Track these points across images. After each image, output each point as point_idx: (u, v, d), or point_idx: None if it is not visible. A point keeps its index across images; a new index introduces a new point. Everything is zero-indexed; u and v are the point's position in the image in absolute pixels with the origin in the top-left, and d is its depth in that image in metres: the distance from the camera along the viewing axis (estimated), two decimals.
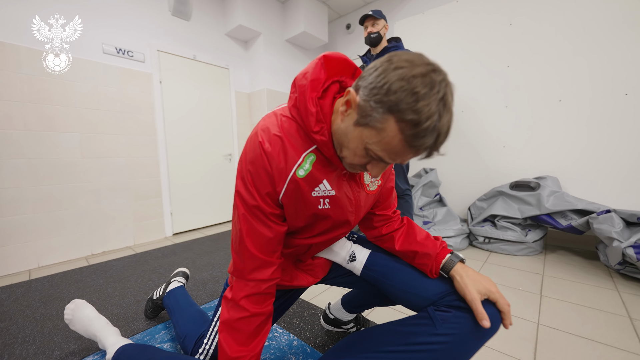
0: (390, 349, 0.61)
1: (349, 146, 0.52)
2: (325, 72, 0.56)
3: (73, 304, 0.99)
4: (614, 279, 1.52)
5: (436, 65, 0.46)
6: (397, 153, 0.48)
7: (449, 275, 0.65)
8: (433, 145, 0.46)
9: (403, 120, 0.44)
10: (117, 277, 1.67)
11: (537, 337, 1.06)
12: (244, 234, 0.60)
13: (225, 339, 0.60)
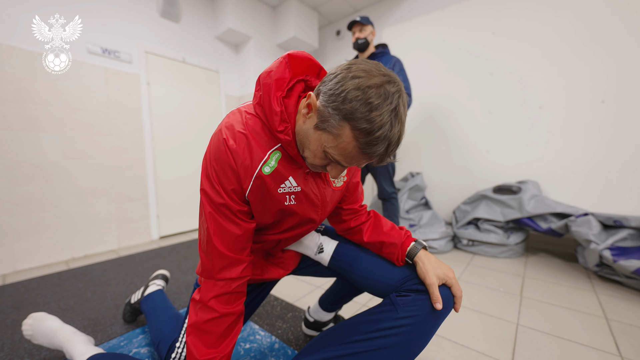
0: (357, 339, 0.62)
1: (310, 148, 0.54)
2: (290, 71, 0.56)
3: (31, 319, 0.93)
4: (592, 280, 1.56)
5: (392, 77, 0.48)
6: (352, 158, 0.50)
7: (413, 262, 0.67)
8: (384, 152, 0.48)
9: (357, 129, 0.46)
10: (98, 280, 1.62)
11: (515, 337, 1.07)
12: (211, 233, 0.59)
13: (193, 342, 0.59)
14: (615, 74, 1.76)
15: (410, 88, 1.88)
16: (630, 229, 1.48)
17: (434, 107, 2.53)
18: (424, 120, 2.59)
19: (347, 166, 0.53)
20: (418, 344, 0.62)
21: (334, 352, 0.64)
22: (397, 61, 1.88)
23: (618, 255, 1.41)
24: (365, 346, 0.62)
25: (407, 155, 2.71)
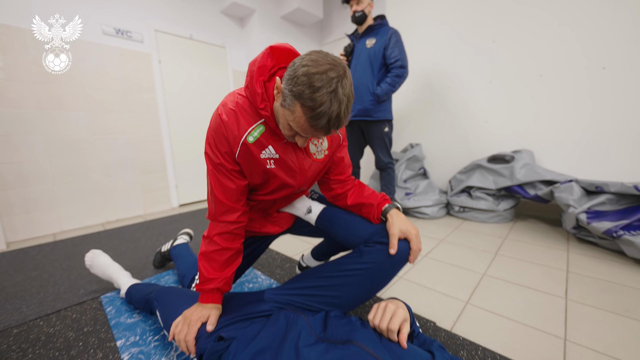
0: (328, 275, 0.80)
1: (280, 121, 0.68)
2: (272, 60, 0.70)
3: (92, 253, 1.22)
4: (569, 242, 1.68)
5: (336, 65, 0.60)
6: (306, 130, 0.63)
7: (385, 218, 0.83)
8: (327, 125, 0.61)
9: (304, 106, 0.59)
10: (130, 238, 1.91)
11: (478, 284, 1.25)
12: (213, 186, 0.77)
13: (203, 266, 0.79)
14: (617, 39, 1.72)
15: (406, 60, 1.92)
16: (609, 194, 1.56)
17: (435, 78, 2.54)
18: (424, 91, 2.62)
19: (306, 136, 0.67)
20: (376, 284, 0.80)
21: (309, 283, 0.83)
22: (394, 33, 1.91)
23: (592, 218, 1.51)
24: (333, 281, 0.80)
25: (408, 127, 2.77)
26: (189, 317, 0.74)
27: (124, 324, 1.01)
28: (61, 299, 1.20)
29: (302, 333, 0.61)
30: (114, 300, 1.16)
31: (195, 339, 0.71)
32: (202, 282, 0.78)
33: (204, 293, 0.78)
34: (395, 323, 0.61)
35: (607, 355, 0.84)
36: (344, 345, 0.57)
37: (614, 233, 1.40)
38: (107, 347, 0.91)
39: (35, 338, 0.96)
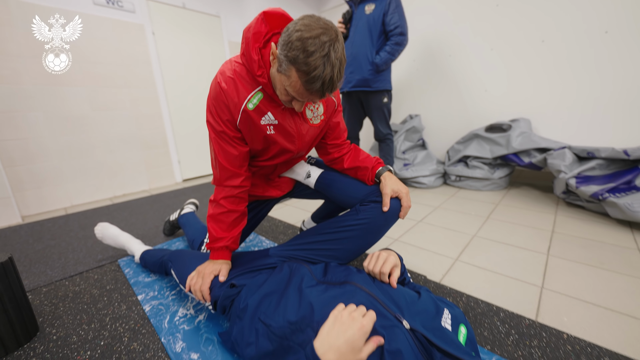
0: (327, 231, 0.88)
1: (277, 87, 0.71)
2: (266, 25, 0.71)
3: (100, 226, 1.28)
4: (558, 206, 1.76)
5: (328, 28, 0.62)
6: (302, 94, 0.66)
7: (379, 180, 0.89)
8: (321, 89, 0.64)
9: (299, 70, 0.62)
10: (138, 211, 2.00)
11: (468, 243, 1.34)
12: (217, 152, 0.82)
13: (212, 227, 0.87)
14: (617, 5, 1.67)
15: (406, 27, 1.88)
16: (599, 159, 1.60)
17: (435, 45, 2.49)
18: (425, 60, 2.57)
19: (302, 100, 0.70)
20: (371, 238, 0.88)
21: (310, 239, 0.91)
22: None
23: (581, 183, 1.57)
24: (333, 236, 0.88)
25: (407, 97, 2.76)
26: (203, 271, 0.82)
27: (143, 282, 1.11)
28: (81, 263, 1.30)
29: (304, 278, 0.70)
30: (130, 263, 1.26)
31: (209, 288, 0.80)
32: (212, 241, 0.86)
33: (214, 251, 0.86)
34: (387, 267, 0.69)
35: (577, 299, 0.94)
36: (341, 285, 0.65)
37: (600, 196, 1.47)
38: (130, 301, 1.01)
39: (64, 295, 1.07)
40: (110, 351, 0.80)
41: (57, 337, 0.86)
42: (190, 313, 0.93)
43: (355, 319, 0.50)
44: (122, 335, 0.85)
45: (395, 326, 0.54)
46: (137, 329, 0.88)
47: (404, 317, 0.57)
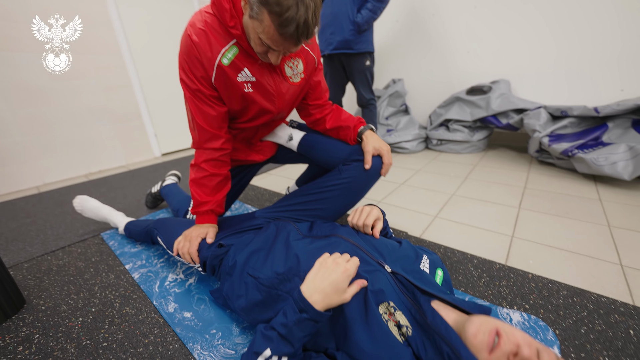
0: (311, 192, 0.89)
1: (251, 37, 0.67)
2: None
3: (79, 199, 1.24)
4: (531, 164, 1.85)
5: None
6: (276, 41, 0.62)
7: (361, 139, 0.89)
8: (295, 33, 0.60)
9: (272, 12, 0.58)
10: (117, 185, 1.93)
11: (447, 202, 1.40)
12: (194, 113, 0.79)
13: (195, 191, 0.85)
14: None
15: None
16: (572, 117, 1.67)
17: (418, 4, 2.39)
18: (409, 20, 2.48)
19: (277, 50, 0.65)
20: (355, 196, 0.91)
21: (295, 200, 0.92)
22: None
23: (553, 141, 1.64)
24: (317, 196, 0.90)
25: (390, 61, 2.69)
26: (189, 235, 0.83)
27: (129, 253, 1.11)
28: (62, 238, 1.27)
29: (290, 233, 0.72)
30: (114, 236, 1.24)
31: (197, 251, 0.81)
32: (197, 206, 0.86)
33: (200, 215, 0.86)
34: (370, 219, 0.72)
35: (542, 244, 1.03)
36: (327, 238, 0.68)
37: (570, 152, 1.55)
38: (117, 270, 1.01)
39: (47, 269, 1.05)
40: (102, 316, 0.81)
41: (45, 307, 0.86)
42: (180, 277, 0.95)
43: (339, 264, 0.52)
44: (113, 302, 0.86)
45: (377, 270, 0.57)
46: (127, 295, 0.89)
47: (385, 263, 0.61)
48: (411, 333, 0.48)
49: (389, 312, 0.51)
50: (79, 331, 0.76)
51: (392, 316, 0.51)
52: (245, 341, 0.70)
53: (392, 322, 0.50)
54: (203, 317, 0.78)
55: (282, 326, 0.48)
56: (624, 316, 0.71)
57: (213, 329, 0.74)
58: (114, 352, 0.70)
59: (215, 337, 0.71)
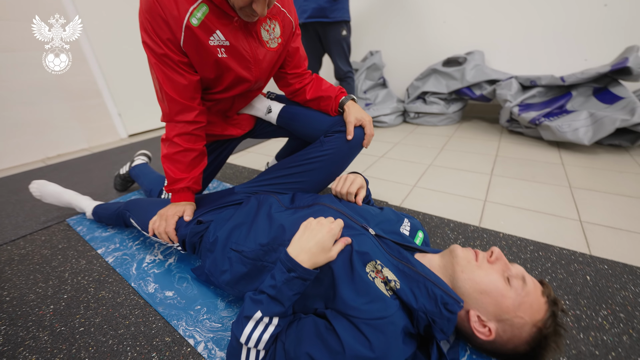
0: (291, 165, 0.87)
1: None
2: None
3: (35, 184, 1.12)
4: (502, 134, 1.93)
5: None
6: None
7: (343, 110, 0.87)
8: None
9: None
10: (80, 169, 1.79)
11: (424, 172, 1.44)
12: (161, 82, 0.71)
13: (169, 168, 0.80)
14: None
15: None
16: (540, 87, 1.74)
17: None
18: None
19: None
20: (337, 167, 0.90)
21: (276, 174, 0.90)
22: None
23: (522, 110, 1.71)
24: (299, 169, 0.88)
25: (367, 32, 2.62)
26: (165, 214, 0.78)
27: (100, 237, 1.05)
28: (22, 227, 1.17)
29: (272, 205, 0.70)
30: (82, 221, 1.16)
31: (174, 229, 0.77)
32: (171, 183, 0.80)
33: (175, 193, 0.82)
34: (354, 187, 0.72)
35: (512, 206, 1.09)
36: (310, 207, 0.67)
37: (537, 121, 1.63)
38: (89, 256, 0.96)
39: (8, 259, 0.97)
40: (76, 302, 0.77)
41: (10, 298, 0.80)
42: (159, 258, 0.92)
43: (324, 224, 0.52)
44: (87, 287, 0.82)
45: (362, 234, 0.58)
46: (102, 279, 0.85)
47: (369, 226, 0.61)
48: (399, 286, 0.50)
49: (376, 270, 0.52)
50: (51, 319, 0.72)
51: (379, 273, 0.52)
52: (231, 314, 0.70)
53: (379, 279, 0.52)
54: (186, 294, 0.77)
55: (271, 288, 0.48)
56: (582, 264, 0.78)
57: (197, 305, 0.73)
58: (92, 335, 0.67)
59: (200, 313, 0.71)
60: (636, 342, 0.58)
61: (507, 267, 0.51)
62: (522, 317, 0.47)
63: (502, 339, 0.49)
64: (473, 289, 0.51)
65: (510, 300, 0.48)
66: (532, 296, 0.48)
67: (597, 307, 0.66)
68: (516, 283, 0.49)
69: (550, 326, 0.46)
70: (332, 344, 0.47)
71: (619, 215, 1.00)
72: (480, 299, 0.50)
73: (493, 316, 0.49)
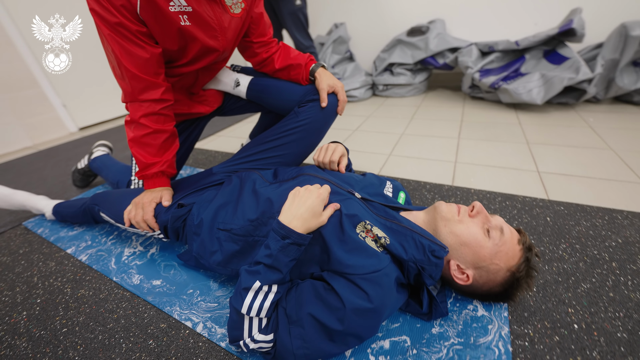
0: (268, 139, 0.85)
1: None
2: None
3: None
4: (465, 100, 2.03)
5: None
6: None
7: (314, 77, 0.85)
8: None
9: None
10: (28, 169, 1.61)
11: (398, 141, 1.48)
12: (119, 56, 0.64)
13: (138, 153, 0.74)
14: None
15: None
16: (497, 52, 1.83)
17: None
18: None
19: None
20: (314, 138, 0.89)
21: (254, 150, 0.87)
22: None
23: (482, 76, 1.80)
24: (276, 143, 0.86)
25: (329, 2, 2.54)
26: (141, 201, 0.74)
27: (67, 237, 0.97)
28: None
29: (256, 181, 0.69)
30: (41, 223, 1.06)
31: (154, 217, 0.73)
32: (143, 169, 0.75)
33: (148, 179, 0.76)
34: (336, 155, 0.72)
35: (480, 164, 1.18)
36: (295, 179, 0.67)
37: (496, 85, 1.72)
38: (58, 257, 0.88)
39: None
40: (52, 304, 0.72)
41: None
42: (139, 250, 0.87)
43: (312, 191, 0.53)
44: (63, 288, 0.77)
45: (349, 198, 0.59)
46: (78, 278, 0.79)
47: (355, 191, 0.63)
48: (389, 242, 0.53)
49: (366, 230, 0.54)
50: (27, 325, 0.67)
51: (369, 232, 0.54)
52: (226, 292, 0.70)
53: (369, 238, 0.54)
54: (175, 281, 0.74)
55: (267, 257, 0.48)
56: (542, 208, 0.87)
57: (189, 289, 0.71)
58: (78, 334, 0.63)
59: (194, 296, 0.69)
60: (589, 266, 0.67)
61: (487, 220, 0.55)
62: (498, 264, 0.52)
63: (479, 283, 0.54)
64: (454, 241, 0.55)
65: (487, 250, 0.52)
66: (508, 245, 0.53)
67: (557, 242, 0.75)
68: (494, 234, 0.53)
69: (523, 270, 0.52)
70: (332, 301, 0.49)
71: (569, 163, 1.12)
72: (460, 249, 0.54)
73: (471, 264, 0.54)
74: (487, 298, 0.58)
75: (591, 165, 1.09)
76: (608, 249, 0.71)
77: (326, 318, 0.48)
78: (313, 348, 0.49)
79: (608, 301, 0.59)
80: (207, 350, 0.57)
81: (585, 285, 0.63)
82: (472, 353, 0.51)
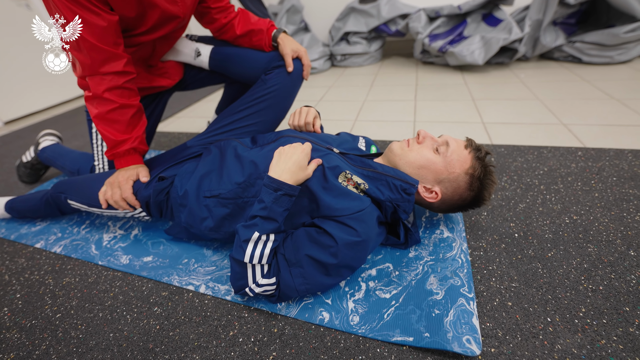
0: (239, 109, 0.86)
1: None
2: None
3: None
4: (418, 66, 2.16)
5: None
6: None
7: (277, 43, 0.86)
8: None
9: None
10: None
11: (361, 107, 1.56)
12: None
13: (106, 130, 0.70)
14: None
15: None
16: (443, 17, 1.95)
17: None
18: None
19: None
20: (285, 103, 0.91)
21: (226, 121, 0.87)
22: None
23: (431, 41, 1.92)
24: (248, 111, 0.87)
25: None
26: (116, 180, 0.72)
27: (31, 232, 0.90)
28: None
29: (237, 147, 0.71)
30: None
31: (133, 194, 0.72)
32: (113, 147, 0.72)
33: (120, 157, 0.74)
34: (310, 117, 0.77)
35: (435, 121, 1.31)
36: (275, 141, 0.70)
37: (443, 49, 1.86)
38: (26, 252, 0.83)
39: None
40: (36, 296, 0.70)
41: None
42: (119, 233, 0.85)
43: (296, 147, 0.58)
44: (43, 280, 0.74)
45: (329, 154, 0.65)
46: (58, 269, 0.77)
47: (333, 147, 0.69)
48: (368, 187, 0.60)
49: (347, 179, 0.61)
50: (12, 318, 0.65)
51: (350, 181, 0.61)
52: (221, 257, 0.73)
53: (351, 185, 0.61)
54: (167, 254, 0.76)
55: (262, 210, 0.52)
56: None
57: (184, 259, 0.73)
58: (75, 316, 0.63)
59: (190, 264, 0.72)
60: (524, 191, 0.83)
61: (434, 141, 0.64)
62: (454, 171, 0.61)
63: (448, 195, 0.63)
64: (412, 168, 0.63)
65: (440, 163, 0.61)
66: (456, 152, 0.61)
67: (500, 176, 0.90)
68: (442, 149, 0.62)
69: (479, 167, 0.60)
70: (325, 241, 0.56)
71: (507, 113, 1.30)
72: (420, 173, 0.63)
73: (434, 181, 0.62)
74: (466, 207, 0.66)
75: (523, 114, 1.28)
76: (537, 176, 0.88)
77: (322, 255, 0.55)
78: (313, 283, 0.56)
79: (538, 214, 0.75)
80: (214, 305, 0.62)
81: (522, 205, 0.78)
82: (442, 265, 0.62)
